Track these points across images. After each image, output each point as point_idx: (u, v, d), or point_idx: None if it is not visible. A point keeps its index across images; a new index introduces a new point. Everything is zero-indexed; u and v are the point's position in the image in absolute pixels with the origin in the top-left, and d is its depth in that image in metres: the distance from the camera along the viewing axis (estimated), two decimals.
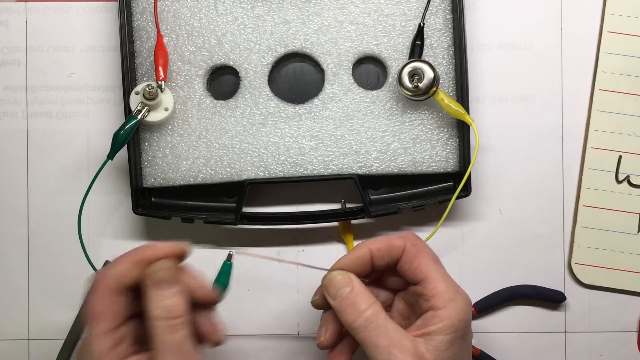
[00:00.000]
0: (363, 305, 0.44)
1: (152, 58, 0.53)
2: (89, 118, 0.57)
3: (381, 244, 0.46)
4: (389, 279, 0.49)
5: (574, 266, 0.56)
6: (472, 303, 0.56)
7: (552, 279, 0.57)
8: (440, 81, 0.53)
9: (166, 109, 0.53)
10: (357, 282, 0.45)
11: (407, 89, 0.52)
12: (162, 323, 0.42)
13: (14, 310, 0.57)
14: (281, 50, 0.54)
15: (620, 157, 0.56)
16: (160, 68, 0.52)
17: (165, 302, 0.42)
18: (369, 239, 0.47)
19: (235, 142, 0.54)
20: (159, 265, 0.43)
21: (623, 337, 0.57)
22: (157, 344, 0.42)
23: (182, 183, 0.54)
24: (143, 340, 0.44)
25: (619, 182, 0.56)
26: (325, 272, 0.46)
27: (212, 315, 0.46)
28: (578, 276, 0.56)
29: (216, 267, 0.56)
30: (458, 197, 0.52)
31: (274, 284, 0.57)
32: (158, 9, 0.54)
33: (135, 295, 0.43)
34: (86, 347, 0.42)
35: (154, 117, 0.52)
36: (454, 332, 0.43)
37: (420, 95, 0.52)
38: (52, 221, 0.56)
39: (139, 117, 0.51)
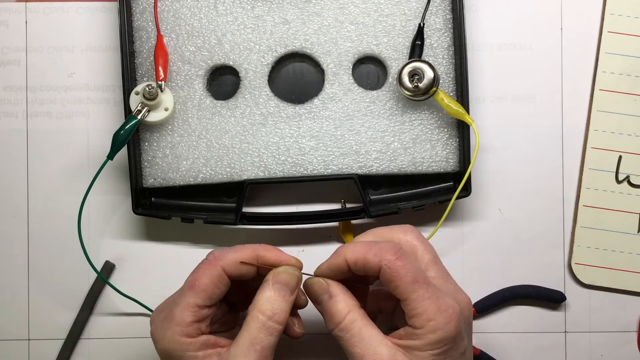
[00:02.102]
0: (340, 314, 0.44)
1: (152, 58, 0.53)
2: (89, 118, 0.57)
3: (357, 256, 0.44)
4: None
5: (574, 266, 0.56)
6: (472, 303, 0.56)
7: (552, 279, 0.57)
8: (440, 81, 0.53)
9: (166, 109, 0.53)
10: (335, 289, 0.45)
11: (407, 89, 0.52)
12: (262, 320, 0.43)
13: (14, 310, 0.57)
14: (281, 50, 0.54)
15: (620, 157, 0.56)
16: (160, 68, 0.52)
17: (276, 304, 0.44)
18: (350, 244, 0.45)
19: (235, 142, 0.54)
20: (289, 270, 0.45)
21: (623, 337, 0.57)
22: (245, 336, 0.43)
23: (182, 183, 0.54)
24: (217, 324, 0.47)
25: (619, 182, 0.56)
26: (307, 279, 0.46)
27: (294, 310, 0.48)
28: (578, 276, 0.56)
29: None
30: (458, 197, 0.52)
31: None
32: (158, 9, 0.54)
33: (233, 286, 0.46)
34: (170, 309, 0.45)
35: (154, 117, 0.52)
36: (434, 349, 0.42)
37: (420, 95, 0.52)
38: (52, 221, 0.56)
39: (139, 117, 0.51)
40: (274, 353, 0.44)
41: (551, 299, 0.56)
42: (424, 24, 0.54)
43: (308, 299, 0.48)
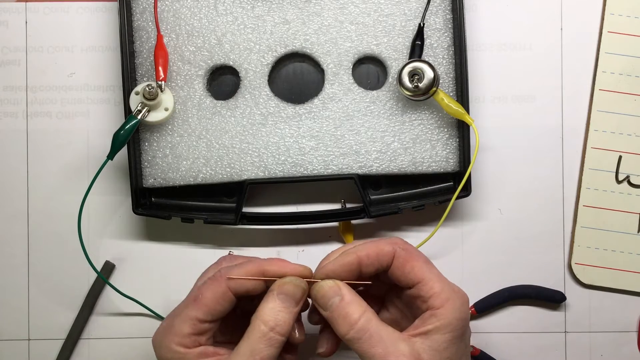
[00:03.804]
0: (354, 316, 0.43)
1: (152, 58, 0.53)
2: (89, 118, 0.57)
3: (370, 250, 0.45)
4: (373, 287, 0.48)
5: (574, 266, 0.56)
6: (472, 303, 0.56)
7: (552, 279, 0.57)
8: (440, 81, 0.53)
9: (166, 109, 0.53)
10: (346, 291, 0.44)
11: (407, 89, 0.52)
12: (264, 330, 0.43)
13: (14, 310, 0.57)
14: (281, 50, 0.54)
15: (620, 157, 0.56)
16: (160, 68, 0.52)
17: (280, 315, 0.43)
18: (358, 245, 0.46)
19: (235, 142, 0.54)
20: (295, 281, 0.45)
21: (623, 337, 0.57)
22: (245, 346, 0.43)
23: (182, 183, 0.54)
24: (218, 335, 0.46)
25: (619, 182, 0.56)
26: (314, 283, 0.45)
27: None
28: (578, 276, 0.56)
29: None
30: (458, 197, 0.52)
31: None
32: (158, 9, 0.54)
33: (239, 302, 0.45)
34: (172, 320, 0.45)
35: (154, 117, 0.52)
36: (452, 332, 0.43)
37: (420, 95, 0.52)
38: (52, 221, 0.56)
39: (139, 117, 0.51)
40: None
41: (551, 299, 0.56)
42: (424, 24, 0.54)
43: (304, 332, 0.47)
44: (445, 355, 0.43)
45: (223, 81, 0.56)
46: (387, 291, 0.49)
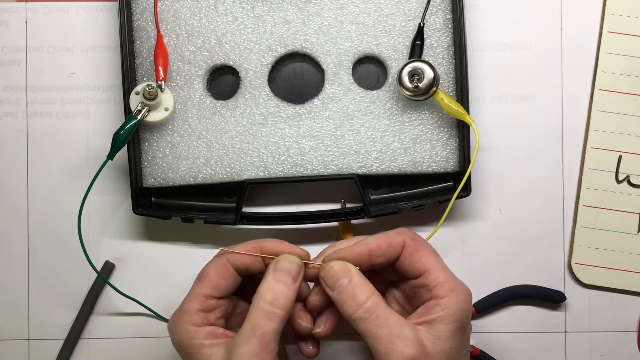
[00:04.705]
0: (362, 296, 0.44)
1: (152, 58, 0.53)
2: (89, 118, 0.57)
3: (381, 242, 0.46)
4: (374, 283, 0.49)
5: (574, 266, 0.56)
6: (472, 303, 0.56)
7: (552, 279, 0.57)
8: (440, 81, 0.53)
9: (166, 109, 0.53)
10: (355, 273, 0.45)
11: (407, 89, 0.52)
12: (262, 305, 0.44)
13: (14, 310, 0.57)
14: (281, 50, 0.54)
15: (620, 157, 0.56)
16: (160, 68, 0.52)
17: (277, 290, 0.44)
18: (368, 239, 0.47)
19: (235, 142, 0.54)
20: (289, 258, 0.46)
21: (623, 337, 0.57)
22: (246, 324, 0.44)
23: (182, 183, 0.54)
24: (229, 319, 0.48)
25: (619, 182, 0.56)
26: (324, 264, 0.46)
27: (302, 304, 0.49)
28: (578, 276, 0.56)
29: None
30: (458, 197, 0.52)
31: None
32: (158, 9, 0.54)
33: (243, 281, 0.47)
34: (182, 303, 0.47)
35: (154, 117, 0.52)
36: (455, 322, 0.44)
37: (420, 95, 0.52)
38: (52, 221, 0.56)
39: (139, 117, 0.51)
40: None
41: (551, 299, 0.56)
42: (424, 24, 0.54)
43: (311, 322, 0.48)
44: (447, 345, 0.43)
45: (223, 81, 0.56)
46: (388, 286, 0.50)
